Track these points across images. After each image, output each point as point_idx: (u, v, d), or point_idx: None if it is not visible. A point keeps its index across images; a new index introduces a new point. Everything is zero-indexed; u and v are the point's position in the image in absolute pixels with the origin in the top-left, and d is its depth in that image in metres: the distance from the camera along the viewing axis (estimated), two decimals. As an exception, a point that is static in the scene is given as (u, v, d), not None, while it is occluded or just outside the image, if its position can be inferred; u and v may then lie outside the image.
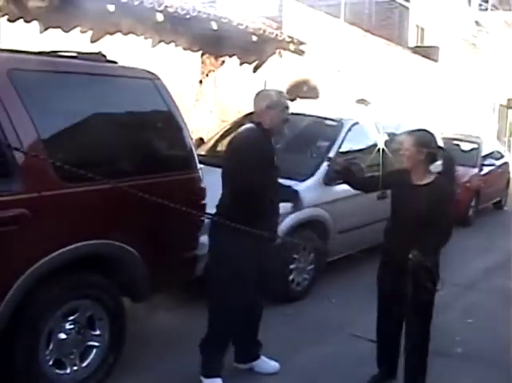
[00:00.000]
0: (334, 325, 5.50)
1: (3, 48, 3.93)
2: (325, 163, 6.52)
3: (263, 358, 4.54)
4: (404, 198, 4.15)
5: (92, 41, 8.45)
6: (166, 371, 4.39)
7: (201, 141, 7.92)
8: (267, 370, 4.50)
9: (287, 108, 4.22)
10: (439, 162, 4.32)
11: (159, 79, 4.50)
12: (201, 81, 10.47)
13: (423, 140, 4.11)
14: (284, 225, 5.65)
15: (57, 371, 3.86)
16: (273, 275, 4.81)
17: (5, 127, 3.47)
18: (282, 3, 12.52)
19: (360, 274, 6.51)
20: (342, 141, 7.01)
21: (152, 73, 4.49)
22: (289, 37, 12.11)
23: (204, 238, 4.41)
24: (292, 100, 11.06)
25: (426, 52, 21.05)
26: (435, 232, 3.99)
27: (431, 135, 4.24)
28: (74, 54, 4.31)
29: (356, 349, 4.99)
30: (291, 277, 6.08)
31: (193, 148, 4.66)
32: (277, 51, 12.16)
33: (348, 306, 6.04)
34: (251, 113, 7.88)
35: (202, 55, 10.47)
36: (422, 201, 4.00)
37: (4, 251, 3.43)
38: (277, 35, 11.71)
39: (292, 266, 6.08)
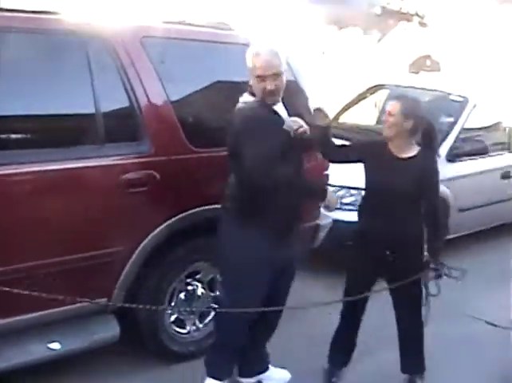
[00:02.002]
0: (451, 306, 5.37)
1: (137, 18, 4.04)
2: (450, 140, 6.36)
3: (272, 369, 3.91)
4: (385, 173, 3.60)
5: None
6: (288, 333, 4.31)
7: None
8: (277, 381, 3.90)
9: (265, 76, 3.24)
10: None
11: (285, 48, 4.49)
12: (323, 52, 10.43)
13: (412, 107, 3.58)
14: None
15: (177, 329, 4.03)
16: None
17: (138, 91, 3.60)
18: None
19: (478, 254, 6.33)
20: (466, 118, 6.79)
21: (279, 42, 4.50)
22: (413, 9, 11.83)
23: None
24: (416, 73, 10.83)
25: None
26: (428, 199, 3.64)
27: (419, 103, 3.76)
28: (201, 23, 4.39)
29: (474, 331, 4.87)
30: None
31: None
32: (401, 23, 11.90)
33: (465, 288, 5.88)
34: (376, 86, 7.86)
35: (326, 25, 10.41)
36: (408, 176, 3.54)
37: (133, 212, 3.58)
38: (401, 8, 11.48)
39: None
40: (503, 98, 7.58)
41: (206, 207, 3.81)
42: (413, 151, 3.63)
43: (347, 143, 4.50)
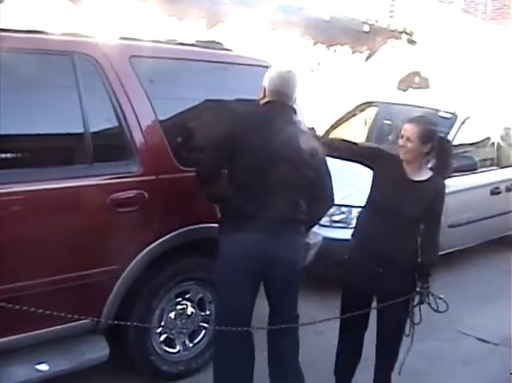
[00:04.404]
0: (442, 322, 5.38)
1: (125, 36, 4.05)
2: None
3: None
4: (394, 192, 3.57)
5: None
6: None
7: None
8: None
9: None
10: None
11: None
12: (312, 70, 10.46)
13: (429, 131, 3.55)
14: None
15: (167, 348, 4.01)
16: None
17: (126, 110, 3.60)
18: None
19: (468, 270, 6.33)
20: (455, 134, 6.82)
21: (267, 61, 4.52)
22: (401, 27, 11.91)
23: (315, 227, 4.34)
24: (404, 90, 10.89)
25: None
26: (430, 223, 3.61)
27: (434, 124, 3.69)
28: (191, 42, 4.41)
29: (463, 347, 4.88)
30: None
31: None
32: (389, 41, 11.97)
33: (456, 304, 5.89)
34: (365, 103, 7.91)
35: (314, 44, 10.46)
36: (417, 200, 3.52)
37: (122, 231, 3.57)
38: (389, 25, 11.54)
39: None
40: (492, 114, 7.64)
41: (195, 227, 3.82)
42: (426, 174, 3.61)
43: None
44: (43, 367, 3.41)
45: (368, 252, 3.65)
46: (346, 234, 4.49)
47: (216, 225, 3.59)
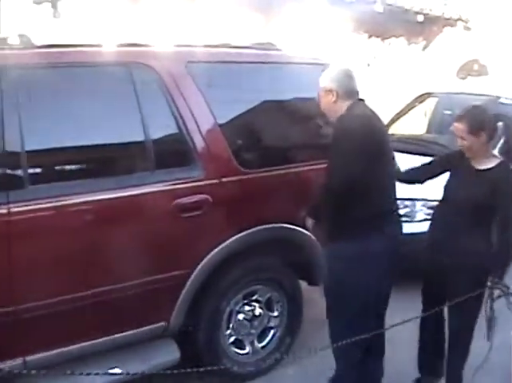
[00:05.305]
0: None
1: (181, 43, 4.10)
2: (501, 143, 6.23)
3: None
4: (461, 184, 3.56)
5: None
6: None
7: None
8: None
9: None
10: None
11: (328, 65, 4.49)
12: (368, 64, 10.39)
13: (479, 121, 3.45)
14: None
15: (236, 350, 4.05)
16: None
17: (185, 116, 3.64)
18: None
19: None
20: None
21: (322, 59, 4.50)
22: (456, 14, 11.68)
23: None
24: (463, 78, 10.68)
25: None
26: (502, 211, 3.45)
27: (483, 107, 3.62)
28: (245, 44, 4.43)
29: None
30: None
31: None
32: (445, 29, 11.76)
33: None
34: (424, 94, 7.78)
35: (369, 38, 10.38)
36: (484, 188, 3.43)
37: (188, 236, 3.61)
38: (443, 13, 11.34)
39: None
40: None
41: (260, 228, 3.83)
42: (492, 162, 3.53)
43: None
44: (116, 371, 3.47)
45: (439, 246, 3.63)
46: (410, 228, 4.43)
47: (279, 225, 3.59)
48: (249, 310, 4.05)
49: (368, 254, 3.31)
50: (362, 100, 3.47)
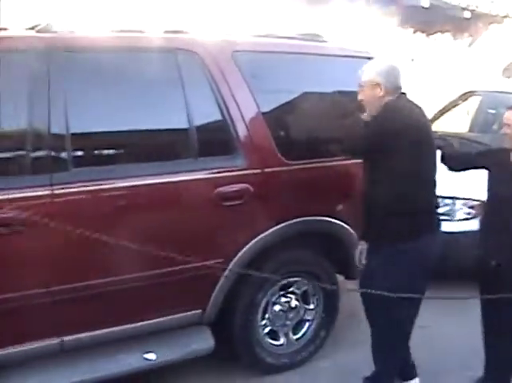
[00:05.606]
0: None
1: (228, 33, 4.10)
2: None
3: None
4: (504, 183, 3.46)
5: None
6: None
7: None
8: None
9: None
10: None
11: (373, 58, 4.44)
12: (412, 60, 10.27)
13: None
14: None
15: (271, 341, 4.04)
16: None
17: (230, 105, 3.64)
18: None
19: None
20: None
21: (368, 52, 4.45)
22: (504, 11, 11.47)
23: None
24: (509, 77, 10.50)
25: None
26: None
27: None
28: (292, 35, 4.40)
29: None
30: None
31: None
32: (491, 26, 11.57)
33: None
34: (468, 93, 7.67)
35: (414, 33, 10.26)
36: None
37: (228, 225, 3.62)
38: (490, 10, 11.16)
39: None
40: None
41: (300, 219, 3.81)
42: None
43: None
44: (151, 356, 3.51)
45: (486, 246, 3.58)
46: (450, 227, 4.37)
47: (322, 218, 3.56)
48: (285, 302, 4.04)
49: (414, 251, 3.29)
50: (404, 94, 3.43)
